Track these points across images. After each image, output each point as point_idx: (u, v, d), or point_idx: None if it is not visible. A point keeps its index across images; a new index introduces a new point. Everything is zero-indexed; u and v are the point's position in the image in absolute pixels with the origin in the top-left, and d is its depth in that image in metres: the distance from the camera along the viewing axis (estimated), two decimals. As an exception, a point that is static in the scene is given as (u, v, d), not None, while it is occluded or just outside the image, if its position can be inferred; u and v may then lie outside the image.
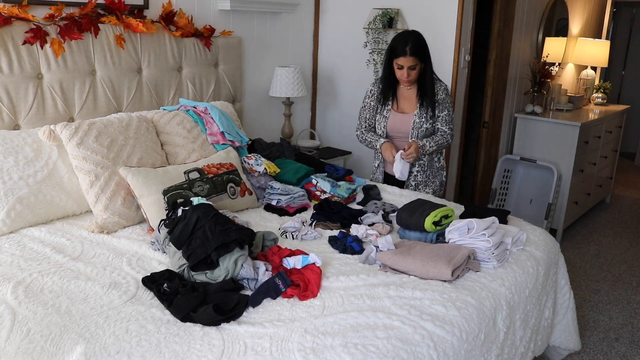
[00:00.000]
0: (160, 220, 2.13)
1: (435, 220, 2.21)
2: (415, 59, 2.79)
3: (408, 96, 2.97)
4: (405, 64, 2.80)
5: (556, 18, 4.87)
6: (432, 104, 2.90)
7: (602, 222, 4.83)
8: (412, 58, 2.78)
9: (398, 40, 2.81)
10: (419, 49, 2.79)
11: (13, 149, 2.32)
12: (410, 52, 2.77)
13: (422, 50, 2.81)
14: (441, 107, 2.92)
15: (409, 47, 2.77)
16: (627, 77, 7.34)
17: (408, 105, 2.97)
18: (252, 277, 1.84)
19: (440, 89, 2.92)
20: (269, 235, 2.12)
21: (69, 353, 1.53)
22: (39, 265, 1.95)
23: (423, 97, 2.90)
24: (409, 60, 2.78)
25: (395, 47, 2.81)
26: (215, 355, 1.48)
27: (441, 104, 2.92)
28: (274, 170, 2.84)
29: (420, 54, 2.80)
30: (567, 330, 2.47)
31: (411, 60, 2.78)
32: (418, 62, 2.81)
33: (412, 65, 2.80)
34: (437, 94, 2.91)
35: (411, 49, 2.76)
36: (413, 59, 2.78)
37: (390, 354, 1.51)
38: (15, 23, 2.46)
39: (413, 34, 2.84)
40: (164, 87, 3.09)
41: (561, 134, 4.21)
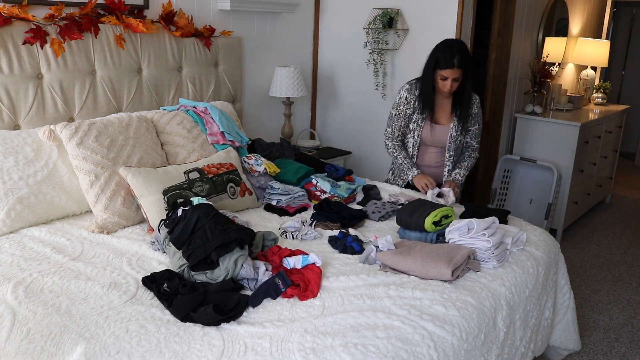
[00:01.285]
0: (160, 220, 2.13)
1: (435, 220, 2.21)
2: (461, 71, 2.70)
3: (444, 106, 2.90)
4: (450, 76, 2.70)
5: (556, 18, 4.87)
6: (466, 117, 2.85)
7: (602, 222, 4.83)
8: (459, 70, 2.69)
9: (444, 51, 2.70)
10: (466, 61, 2.69)
11: (13, 149, 2.32)
12: (457, 65, 2.67)
13: (469, 62, 2.71)
14: (473, 121, 2.90)
15: (456, 58, 2.66)
16: (627, 77, 7.34)
17: (443, 115, 2.90)
18: (252, 277, 1.84)
19: (475, 102, 2.88)
20: (269, 235, 2.12)
21: (69, 353, 1.53)
22: (39, 265, 1.95)
23: (459, 108, 2.84)
24: (455, 73, 2.69)
25: (441, 57, 2.70)
26: (215, 355, 1.48)
27: (474, 118, 2.89)
28: (274, 170, 2.84)
29: (467, 65, 2.70)
30: (567, 330, 2.47)
31: (457, 72, 2.69)
32: (462, 73, 2.72)
33: (457, 77, 2.72)
34: (472, 107, 2.87)
35: (459, 60, 2.66)
36: (460, 71, 2.69)
37: (390, 354, 1.51)
38: (15, 23, 2.46)
39: (460, 45, 2.73)
40: (164, 87, 3.09)
41: (561, 134, 4.21)
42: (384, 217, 2.54)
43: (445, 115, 2.91)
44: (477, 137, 2.95)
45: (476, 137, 2.95)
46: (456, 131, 2.88)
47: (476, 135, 2.94)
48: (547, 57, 4.66)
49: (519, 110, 4.58)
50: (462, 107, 2.84)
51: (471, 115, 2.89)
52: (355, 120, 4.17)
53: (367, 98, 4.06)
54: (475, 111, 2.89)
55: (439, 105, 2.92)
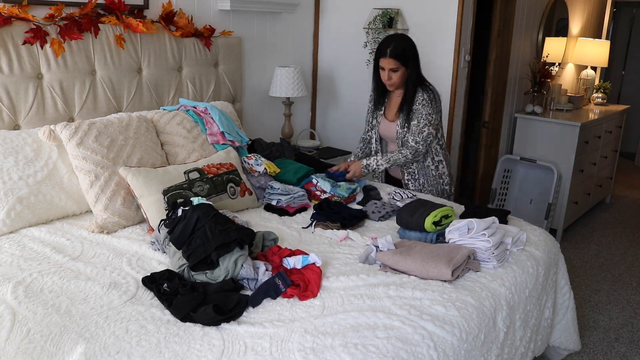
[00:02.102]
0: (160, 220, 2.13)
1: (435, 220, 2.21)
2: (395, 62, 2.72)
3: (395, 102, 2.92)
4: (385, 66, 2.75)
5: (556, 18, 4.87)
6: (408, 113, 2.82)
7: (602, 222, 4.83)
8: (392, 60, 2.72)
9: (382, 41, 2.79)
10: (400, 52, 2.71)
11: (13, 149, 2.32)
12: (390, 54, 2.71)
13: (403, 54, 2.72)
14: (413, 116, 2.80)
15: (389, 48, 2.71)
16: (627, 77, 7.34)
17: (392, 112, 2.94)
18: (252, 277, 1.84)
19: (420, 97, 2.79)
20: (268, 235, 2.12)
21: (69, 353, 1.53)
22: (39, 265, 1.95)
23: (402, 104, 2.84)
24: (389, 62, 2.73)
25: (379, 48, 2.77)
26: (215, 355, 1.48)
27: (414, 113, 2.80)
28: (274, 170, 2.84)
29: (401, 57, 2.72)
30: (567, 330, 2.47)
31: (391, 62, 2.72)
32: (399, 65, 2.73)
33: (393, 68, 2.74)
34: (415, 103, 2.80)
35: (392, 50, 2.70)
36: (393, 61, 2.72)
37: (390, 354, 1.51)
38: (15, 23, 2.46)
39: (398, 36, 2.79)
40: (164, 87, 3.09)
41: (561, 134, 4.21)
42: (384, 217, 2.54)
43: (394, 112, 2.92)
44: (414, 134, 2.80)
45: (414, 135, 2.80)
46: (401, 127, 2.85)
47: (414, 132, 2.80)
48: (547, 57, 4.66)
49: (519, 110, 4.58)
50: (403, 102, 2.84)
51: (412, 111, 2.81)
52: (355, 120, 4.16)
53: (367, 98, 4.04)
54: (416, 107, 2.79)
55: (392, 101, 2.95)
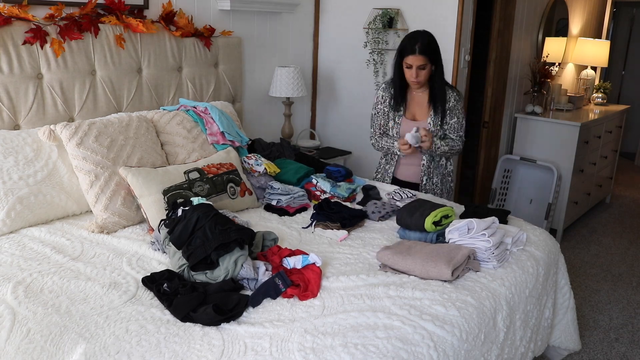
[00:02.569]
0: (160, 220, 2.13)
1: (435, 220, 2.21)
2: (424, 58, 2.70)
3: (419, 101, 2.88)
4: (414, 63, 2.71)
5: (556, 18, 4.87)
6: (443, 111, 2.82)
7: (602, 222, 4.83)
8: (422, 57, 2.69)
9: (408, 39, 2.74)
10: (429, 48, 2.70)
11: (13, 149, 2.32)
12: (419, 51, 2.68)
13: (432, 50, 2.72)
14: (451, 115, 2.83)
15: (418, 45, 2.68)
16: (627, 77, 7.34)
17: (419, 111, 2.88)
18: (252, 277, 1.84)
19: (452, 95, 2.83)
20: (268, 235, 2.12)
21: (68, 353, 1.53)
22: (39, 265, 1.95)
23: (435, 102, 2.81)
24: (418, 59, 2.69)
25: (404, 46, 2.73)
26: (215, 355, 1.48)
27: (452, 111, 2.83)
28: (274, 170, 2.84)
29: (430, 53, 2.71)
30: (567, 330, 2.47)
31: (420, 59, 2.69)
32: (427, 62, 2.72)
33: (422, 65, 2.71)
34: (448, 101, 2.82)
35: (420, 47, 2.68)
36: (422, 57, 2.69)
37: (390, 354, 1.51)
38: (15, 23, 2.46)
39: (424, 33, 2.76)
40: (164, 87, 3.09)
41: (561, 134, 4.21)
42: (384, 217, 2.54)
43: (421, 110, 2.88)
44: (456, 130, 2.86)
45: (456, 131, 2.86)
46: (434, 126, 2.83)
47: (456, 129, 2.85)
48: (547, 57, 4.66)
49: (519, 110, 4.58)
50: (436, 100, 2.81)
51: (448, 109, 2.82)
52: (355, 120, 4.16)
53: (367, 98, 4.05)
54: (452, 105, 2.82)
55: (414, 100, 2.89)
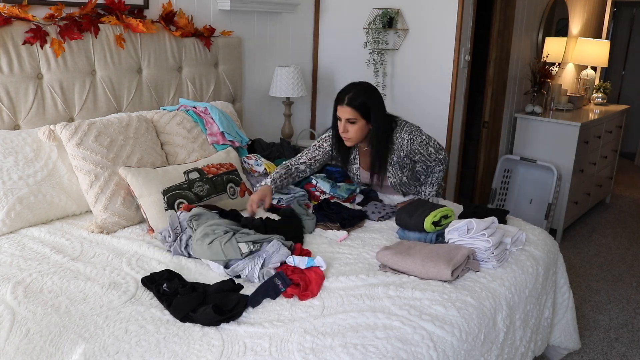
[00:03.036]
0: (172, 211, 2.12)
1: (434, 221, 2.21)
2: (353, 112, 2.40)
3: (365, 154, 2.63)
4: (342, 116, 2.43)
5: (556, 18, 4.87)
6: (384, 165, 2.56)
7: (602, 222, 4.83)
8: (349, 109, 2.40)
9: (344, 88, 2.47)
10: (361, 102, 2.39)
11: (13, 149, 2.32)
12: (347, 102, 2.39)
13: (363, 104, 2.40)
14: (411, 155, 2.55)
15: (349, 95, 2.40)
16: (627, 77, 7.33)
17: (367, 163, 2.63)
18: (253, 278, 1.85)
19: (403, 142, 2.51)
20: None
21: (68, 353, 1.53)
22: (38, 265, 1.95)
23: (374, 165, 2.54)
24: (346, 111, 2.40)
25: (338, 94, 2.46)
26: (215, 356, 1.48)
27: (409, 154, 2.54)
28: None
29: (362, 107, 2.40)
30: (567, 330, 2.47)
31: (348, 111, 2.40)
32: (359, 116, 2.41)
33: (351, 119, 2.42)
34: (401, 150, 2.53)
35: (350, 98, 2.39)
36: (350, 110, 2.39)
37: (390, 354, 1.51)
38: (15, 23, 2.46)
39: (360, 85, 2.46)
40: (164, 87, 3.09)
41: (561, 134, 4.21)
42: (384, 217, 2.54)
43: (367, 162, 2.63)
44: (428, 160, 2.58)
45: (428, 161, 2.58)
46: (394, 177, 2.59)
47: (426, 159, 2.58)
48: (547, 57, 4.65)
49: (519, 110, 4.57)
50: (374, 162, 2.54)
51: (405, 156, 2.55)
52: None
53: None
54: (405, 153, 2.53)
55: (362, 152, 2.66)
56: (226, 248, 1.93)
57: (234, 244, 1.93)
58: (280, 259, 1.92)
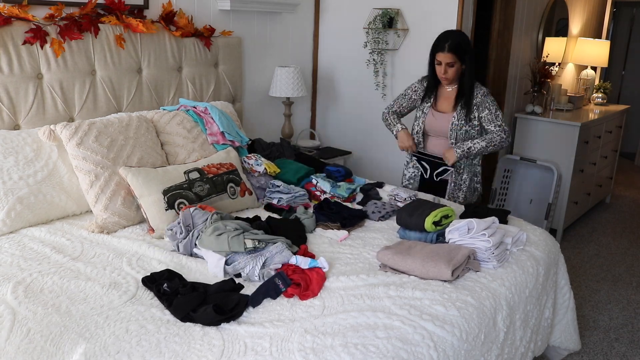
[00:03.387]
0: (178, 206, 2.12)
1: (435, 220, 2.21)
2: (453, 56, 2.78)
3: (448, 96, 2.95)
4: (443, 60, 2.80)
5: (556, 18, 4.87)
6: (469, 106, 2.86)
7: (602, 222, 4.83)
8: (450, 55, 2.77)
9: (440, 36, 2.83)
10: (459, 47, 2.77)
11: (13, 149, 2.32)
12: (448, 48, 2.76)
13: (461, 49, 2.78)
14: (481, 108, 2.86)
15: (448, 43, 2.76)
16: (627, 77, 7.33)
17: (447, 105, 2.94)
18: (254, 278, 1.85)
19: (479, 91, 2.87)
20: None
21: (69, 353, 1.53)
22: (39, 265, 1.95)
23: (460, 97, 2.88)
24: (447, 57, 2.78)
25: (436, 43, 2.83)
26: (215, 355, 1.48)
27: (480, 105, 2.85)
28: (274, 170, 2.84)
29: (459, 51, 2.78)
30: (567, 330, 2.47)
31: (449, 57, 2.78)
32: (457, 60, 2.79)
33: (450, 62, 2.79)
34: (475, 97, 2.86)
35: (450, 45, 2.76)
36: (451, 55, 2.77)
37: (390, 354, 1.51)
38: (15, 23, 2.46)
39: (456, 33, 2.86)
40: (164, 87, 3.09)
41: (561, 134, 4.21)
42: (384, 217, 2.54)
43: (448, 104, 2.94)
44: (491, 121, 2.85)
45: (491, 122, 2.85)
46: (458, 119, 2.87)
47: (490, 120, 2.85)
48: (547, 57, 4.65)
49: (519, 110, 4.57)
50: (461, 96, 2.87)
51: (476, 104, 2.86)
52: (355, 120, 4.16)
53: (367, 98, 4.05)
54: (479, 100, 2.85)
55: (444, 95, 2.97)
56: (232, 241, 1.96)
57: (240, 239, 1.97)
58: (282, 261, 1.93)
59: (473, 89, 2.87)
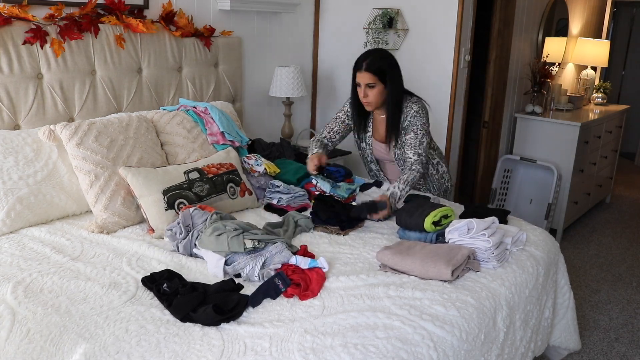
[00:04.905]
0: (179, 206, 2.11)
1: (434, 220, 2.21)
2: (372, 77, 2.52)
3: (380, 122, 2.75)
4: (362, 81, 2.56)
5: (556, 18, 4.87)
6: (397, 132, 2.65)
7: (602, 222, 4.83)
8: (368, 74, 2.53)
9: (360, 55, 2.60)
10: (378, 67, 2.52)
11: (13, 149, 2.32)
12: (365, 67, 2.52)
13: (380, 68, 2.53)
14: (408, 130, 2.63)
15: (366, 61, 2.53)
16: (627, 77, 7.33)
17: (381, 132, 2.76)
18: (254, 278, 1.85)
19: (409, 112, 2.62)
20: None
21: (68, 353, 1.53)
22: (38, 265, 1.95)
23: (388, 127, 2.66)
24: (365, 77, 2.54)
25: (355, 62, 2.59)
26: (215, 355, 1.48)
27: (407, 128, 2.63)
28: (274, 171, 2.84)
29: (379, 71, 2.53)
30: (567, 330, 2.47)
31: (367, 76, 2.53)
32: (377, 80, 2.54)
33: (370, 84, 2.55)
34: (404, 120, 2.64)
35: (368, 64, 2.52)
36: (369, 75, 2.53)
37: (390, 354, 1.51)
38: (15, 23, 2.46)
39: (376, 51, 2.62)
40: (164, 87, 3.09)
41: (561, 134, 4.21)
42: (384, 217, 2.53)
43: (382, 131, 2.75)
44: (413, 147, 2.60)
45: (413, 148, 2.61)
46: (399, 148, 2.69)
47: (412, 145, 2.61)
48: (547, 57, 4.66)
49: (519, 110, 4.58)
50: (388, 125, 2.65)
51: (403, 129, 2.65)
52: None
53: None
54: (407, 123, 2.63)
55: (377, 120, 2.78)
56: (232, 241, 1.96)
57: (239, 239, 1.97)
58: (282, 261, 1.93)
59: (400, 112, 2.63)
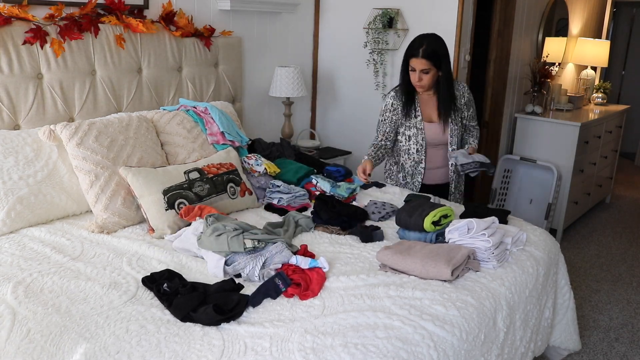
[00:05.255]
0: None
1: (434, 220, 2.21)
2: (427, 63, 2.64)
3: (430, 104, 2.84)
4: (417, 67, 2.66)
5: (556, 18, 4.87)
6: (454, 108, 2.81)
7: (602, 222, 4.83)
8: (424, 61, 2.63)
9: (414, 41, 2.68)
10: (433, 53, 2.63)
11: (13, 149, 2.32)
12: (422, 54, 2.62)
13: (436, 55, 2.64)
14: (468, 106, 2.88)
15: (422, 48, 2.62)
16: (627, 77, 7.33)
17: (433, 113, 2.85)
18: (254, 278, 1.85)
19: (464, 90, 2.86)
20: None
21: (69, 353, 1.53)
22: (39, 265, 1.95)
23: (442, 106, 2.79)
24: (421, 63, 2.64)
25: (410, 48, 2.68)
26: (215, 355, 1.48)
27: (467, 103, 2.88)
28: (274, 171, 2.84)
29: (434, 57, 2.64)
30: (567, 330, 2.47)
31: (423, 63, 2.63)
32: (431, 66, 2.65)
33: (425, 69, 2.66)
34: (462, 97, 2.85)
35: (425, 50, 2.61)
36: (425, 62, 2.63)
37: (390, 354, 1.51)
38: (15, 23, 2.46)
39: (431, 37, 2.68)
40: (164, 87, 3.09)
41: (561, 134, 4.21)
42: (384, 217, 2.54)
43: (434, 112, 2.85)
44: (474, 119, 2.95)
45: (473, 119, 2.96)
46: (455, 125, 2.84)
47: (472, 117, 2.94)
48: (547, 57, 4.66)
49: (519, 110, 4.58)
50: (444, 104, 2.79)
51: (464, 104, 2.87)
52: (355, 120, 4.16)
53: (367, 98, 4.05)
54: (466, 99, 2.87)
55: (425, 103, 2.85)
56: (232, 241, 1.96)
57: (239, 239, 1.97)
58: (282, 261, 1.93)
59: (453, 92, 2.79)
